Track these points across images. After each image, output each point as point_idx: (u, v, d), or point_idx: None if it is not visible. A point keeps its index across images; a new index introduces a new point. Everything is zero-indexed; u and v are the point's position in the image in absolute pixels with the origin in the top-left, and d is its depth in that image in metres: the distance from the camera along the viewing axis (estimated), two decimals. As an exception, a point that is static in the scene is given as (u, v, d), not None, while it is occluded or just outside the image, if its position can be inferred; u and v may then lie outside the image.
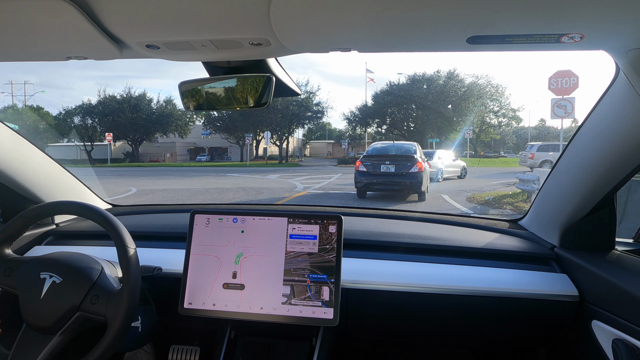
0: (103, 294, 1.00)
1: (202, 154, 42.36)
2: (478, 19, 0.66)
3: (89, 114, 34.79)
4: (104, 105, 34.66)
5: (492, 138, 40.65)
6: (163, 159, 39.90)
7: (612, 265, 1.14)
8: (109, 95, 35.80)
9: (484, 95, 34.41)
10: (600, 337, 1.07)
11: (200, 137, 44.07)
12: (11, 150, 1.33)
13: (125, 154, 37.45)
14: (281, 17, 0.68)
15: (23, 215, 1.08)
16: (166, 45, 0.80)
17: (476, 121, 35.18)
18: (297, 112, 33.21)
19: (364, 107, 37.62)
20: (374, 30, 0.72)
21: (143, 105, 35.14)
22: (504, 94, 35.66)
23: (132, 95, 35.74)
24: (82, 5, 0.66)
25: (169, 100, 37.51)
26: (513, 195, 10.01)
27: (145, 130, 35.50)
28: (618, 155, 1.02)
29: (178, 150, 43.57)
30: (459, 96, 33.47)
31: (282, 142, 35.17)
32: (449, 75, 34.48)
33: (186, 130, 38.18)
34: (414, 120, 36.21)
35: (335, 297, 1.11)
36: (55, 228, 1.56)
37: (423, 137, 34.67)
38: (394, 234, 1.43)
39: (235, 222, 1.21)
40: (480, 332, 1.29)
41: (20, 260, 1.08)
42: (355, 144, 45.01)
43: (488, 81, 36.99)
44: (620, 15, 0.65)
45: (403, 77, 38.84)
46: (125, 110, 33.70)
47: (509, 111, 37.85)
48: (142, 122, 34.42)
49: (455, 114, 33.62)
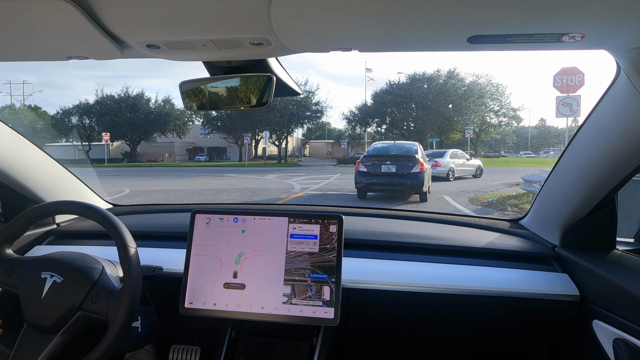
0: (104, 294, 1.01)
1: (200, 154, 42.37)
2: (479, 19, 0.67)
3: (87, 114, 34.68)
4: (102, 105, 34.61)
5: (492, 138, 40.61)
6: (161, 159, 39.88)
7: (613, 265, 1.14)
8: (106, 94, 35.67)
9: (484, 94, 34.38)
10: (601, 336, 1.07)
11: (199, 137, 44.06)
12: (12, 149, 1.34)
13: (124, 154, 37.42)
14: (282, 17, 0.68)
15: (24, 215, 1.09)
16: (167, 45, 0.81)
17: (477, 121, 35.15)
18: (296, 111, 33.21)
19: (363, 107, 37.64)
20: (374, 29, 0.73)
21: (141, 104, 35.08)
22: (505, 93, 35.46)
23: (129, 94, 35.56)
24: (83, 5, 0.66)
25: (167, 99, 37.53)
26: (517, 196, 9.80)
27: (144, 130, 35.45)
28: (619, 155, 1.02)
29: (177, 150, 43.54)
30: (459, 95, 33.47)
31: (281, 142, 35.12)
32: (449, 74, 34.50)
33: (184, 130, 38.10)
34: (414, 119, 36.22)
35: (335, 297, 1.12)
36: (56, 228, 1.56)
37: (423, 136, 34.66)
38: (394, 234, 1.43)
39: (236, 222, 1.22)
40: (481, 332, 1.30)
41: (21, 260, 1.09)
42: (355, 144, 44.97)
43: (488, 80, 36.99)
44: (621, 14, 0.65)
45: (403, 77, 38.79)
46: (123, 109, 33.67)
47: (509, 110, 37.83)
48: (140, 121, 34.39)
49: (456, 113, 33.59)
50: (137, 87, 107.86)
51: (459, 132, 36.54)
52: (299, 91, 1.10)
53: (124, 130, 34.45)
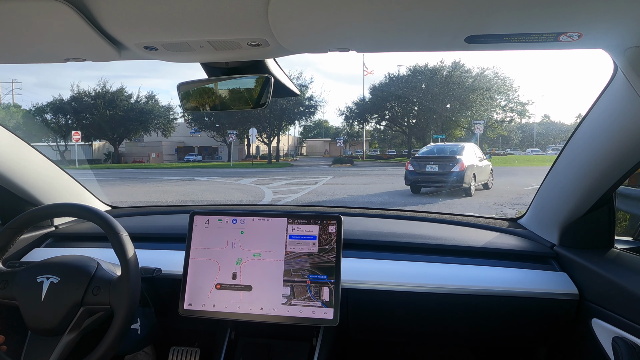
0: (104, 284, 1.04)
1: (190, 154, 40.57)
2: (476, 19, 0.68)
3: (61, 111, 31.70)
4: (77, 102, 31.72)
5: (499, 134, 37.75)
6: (148, 159, 37.14)
7: (611, 263, 1.17)
8: (82, 90, 32.83)
9: (492, 87, 31.48)
10: (600, 335, 1.10)
11: (189, 136, 41.49)
12: (9, 152, 1.36)
13: (107, 154, 34.93)
14: (279, 18, 0.70)
15: (9, 227, 1.09)
16: (164, 46, 0.82)
17: (485, 115, 32.26)
18: (287, 107, 30.23)
19: (361, 102, 34.67)
20: (372, 30, 0.74)
21: (120, 101, 32.20)
22: (512, 87, 32.57)
23: (107, 90, 32.70)
24: (80, 7, 0.68)
25: (150, 95, 34.98)
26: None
27: (124, 129, 32.60)
28: (617, 153, 1.05)
29: (165, 150, 41.30)
30: (465, 87, 30.49)
31: (271, 140, 32.22)
32: (453, 65, 31.61)
33: (169, 129, 35.21)
34: (416, 115, 33.27)
35: (335, 298, 1.15)
36: (54, 230, 1.58)
37: (425, 132, 31.82)
38: (393, 234, 1.46)
39: (235, 223, 1.24)
40: (480, 331, 1.32)
41: (13, 271, 1.10)
42: (353, 142, 42.23)
43: (495, 73, 34.18)
44: (618, 13, 0.67)
45: (404, 69, 35.77)
46: (100, 106, 30.73)
47: (517, 105, 34.88)
48: (120, 119, 31.47)
49: (462, 106, 30.66)
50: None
51: (463, 128, 33.66)
52: (297, 92, 1.13)
53: (102, 129, 31.54)
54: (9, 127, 1.34)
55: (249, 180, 14.99)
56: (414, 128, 34.50)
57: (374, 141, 45.10)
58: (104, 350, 0.97)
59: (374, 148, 48.32)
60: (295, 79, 31.88)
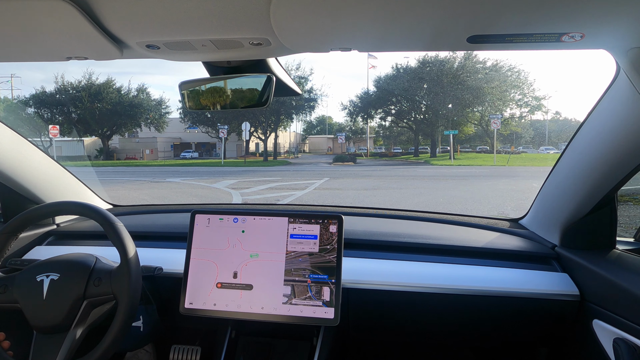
0: (104, 275, 1.07)
1: (187, 150, 38.30)
2: (478, 19, 0.70)
3: (44, 104, 29.45)
4: (61, 94, 29.48)
5: (512, 131, 34.92)
6: (141, 156, 34.80)
7: (613, 264, 1.18)
8: (67, 82, 30.73)
9: (507, 80, 28.70)
10: (601, 336, 1.12)
11: (186, 132, 39.12)
12: (12, 150, 1.39)
13: (99, 151, 32.79)
14: (281, 17, 0.71)
15: (3, 232, 1.11)
16: (166, 45, 0.83)
17: (502, 108, 29.53)
18: (284, 100, 27.75)
19: (365, 95, 31.98)
20: (374, 29, 0.75)
21: (106, 93, 29.88)
22: (527, 81, 29.79)
23: (93, 82, 30.43)
24: (82, 5, 0.69)
25: (142, 88, 33.04)
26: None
27: (112, 123, 30.34)
28: (619, 154, 1.06)
29: (160, 147, 39.45)
30: (478, 79, 27.73)
31: (267, 136, 29.75)
32: (466, 56, 28.76)
33: (162, 123, 32.86)
34: (423, 110, 30.51)
35: (335, 297, 1.17)
36: (56, 228, 1.61)
37: (434, 128, 29.20)
38: (394, 234, 1.48)
39: (236, 222, 1.26)
40: (481, 332, 1.35)
41: (12, 276, 1.13)
42: (357, 139, 39.61)
43: (510, 66, 31.36)
44: (620, 14, 0.68)
45: (413, 60, 32.90)
46: (84, 99, 28.39)
47: (532, 100, 32.03)
48: (107, 113, 29.20)
49: (476, 100, 27.89)
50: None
51: (474, 124, 30.89)
52: (299, 91, 1.15)
53: (88, 123, 29.25)
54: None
55: (225, 184, 12.66)
56: (422, 124, 32.35)
57: (379, 138, 42.54)
58: (110, 340, 1.00)
59: (378, 145, 46.09)
60: (294, 70, 29.53)
